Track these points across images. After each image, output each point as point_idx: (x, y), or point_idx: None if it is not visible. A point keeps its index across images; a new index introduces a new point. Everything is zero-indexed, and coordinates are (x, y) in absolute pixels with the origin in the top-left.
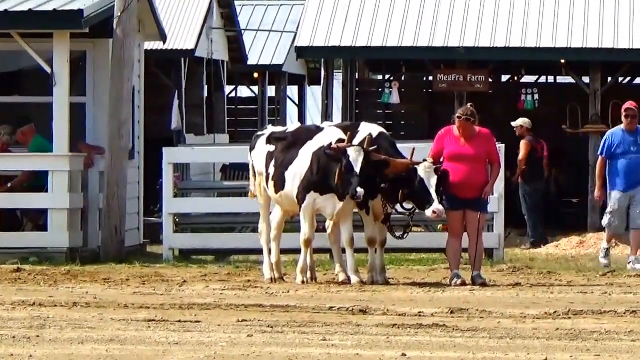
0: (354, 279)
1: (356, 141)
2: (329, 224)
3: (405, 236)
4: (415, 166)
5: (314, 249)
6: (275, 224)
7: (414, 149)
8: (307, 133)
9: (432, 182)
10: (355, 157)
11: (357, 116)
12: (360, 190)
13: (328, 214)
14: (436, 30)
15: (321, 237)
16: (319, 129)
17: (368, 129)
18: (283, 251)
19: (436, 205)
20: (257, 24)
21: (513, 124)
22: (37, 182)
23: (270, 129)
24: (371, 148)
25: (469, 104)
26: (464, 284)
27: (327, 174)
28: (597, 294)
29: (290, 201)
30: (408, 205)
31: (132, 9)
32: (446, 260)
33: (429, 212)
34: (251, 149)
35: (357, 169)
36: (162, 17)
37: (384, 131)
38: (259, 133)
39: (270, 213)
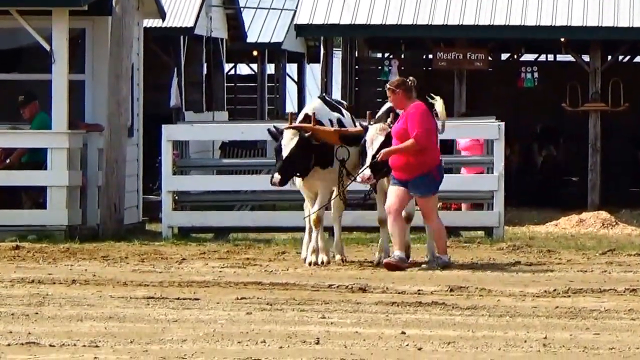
0: (311, 258)
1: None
2: (332, 203)
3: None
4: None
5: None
6: (335, 204)
7: (370, 113)
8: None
9: (374, 145)
10: (287, 141)
11: (356, 94)
12: (276, 176)
13: (306, 194)
14: (436, 8)
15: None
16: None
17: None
18: (282, 229)
19: (364, 171)
20: (257, 1)
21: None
22: (36, 156)
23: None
24: (304, 125)
25: (410, 77)
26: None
27: None
28: (597, 273)
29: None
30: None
31: None
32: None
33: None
34: None
35: (285, 153)
36: None
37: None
38: None
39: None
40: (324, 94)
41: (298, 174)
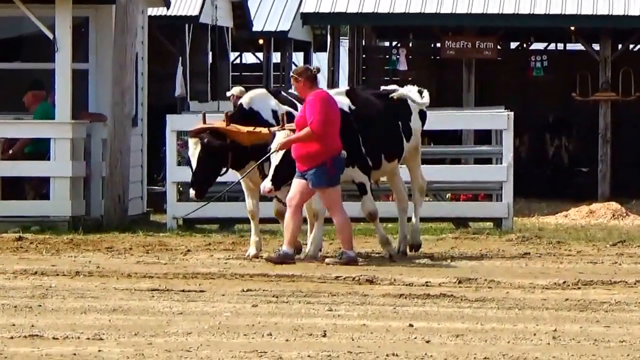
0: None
1: None
2: None
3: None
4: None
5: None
6: None
7: (283, 115)
8: None
9: (279, 153)
10: (192, 151)
11: (363, 83)
12: (191, 191)
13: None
14: None
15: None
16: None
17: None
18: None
19: (264, 182)
20: None
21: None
22: (39, 147)
23: None
24: (211, 125)
25: (314, 65)
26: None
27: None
28: (607, 264)
29: None
30: None
31: None
32: (451, 230)
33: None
34: None
35: (194, 164)
36: None
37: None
38: None
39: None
40: (281, 90)
41: (221, 174)
